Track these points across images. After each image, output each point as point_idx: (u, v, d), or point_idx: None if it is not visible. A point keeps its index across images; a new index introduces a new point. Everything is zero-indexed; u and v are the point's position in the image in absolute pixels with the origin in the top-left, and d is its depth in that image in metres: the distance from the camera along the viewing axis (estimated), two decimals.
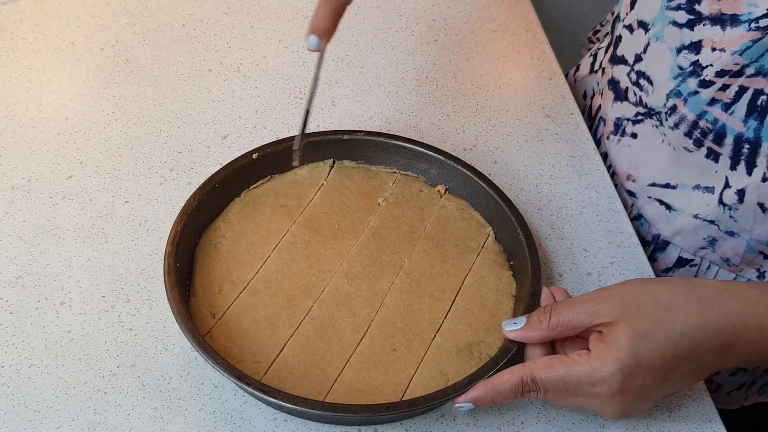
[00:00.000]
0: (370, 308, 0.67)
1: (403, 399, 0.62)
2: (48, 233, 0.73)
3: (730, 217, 0.73)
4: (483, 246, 0.73)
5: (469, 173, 0.75)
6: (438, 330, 0.66)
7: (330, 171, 0.77)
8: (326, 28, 0.64)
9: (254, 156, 0.73)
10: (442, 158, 0.76)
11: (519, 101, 0.89)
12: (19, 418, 0.61)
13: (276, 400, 0.59)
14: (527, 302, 0.65)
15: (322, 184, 0.76)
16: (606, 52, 0.88)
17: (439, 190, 0.76)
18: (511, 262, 0.72)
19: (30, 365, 0.64)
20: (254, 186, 0.75)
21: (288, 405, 0.59)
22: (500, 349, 0.63)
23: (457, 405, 0.60)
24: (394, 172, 0.78)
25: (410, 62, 0.92)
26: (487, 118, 0.87)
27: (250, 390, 0.59)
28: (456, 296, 0.69)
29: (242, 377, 0.59)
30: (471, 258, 0.71)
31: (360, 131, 0.77)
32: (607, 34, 0.92)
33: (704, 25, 0.68)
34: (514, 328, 0.62)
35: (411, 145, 0.77)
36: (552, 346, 0.62)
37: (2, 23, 0.91)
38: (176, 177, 0.78)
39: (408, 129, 0.84)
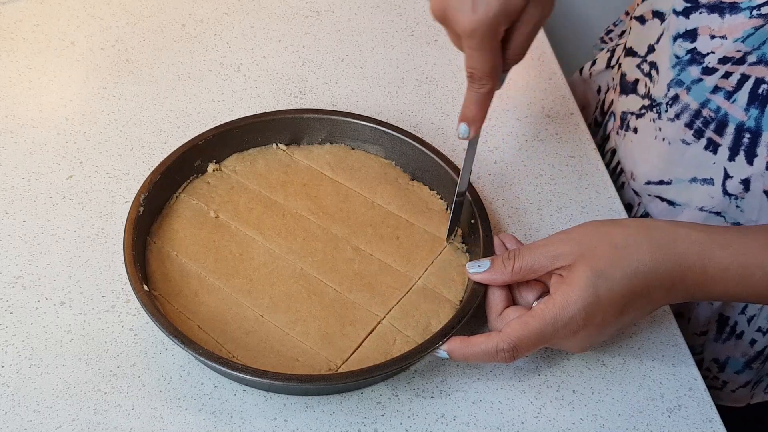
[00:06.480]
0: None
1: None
2: (48, 233, 0.73)
3: (737, 206, 0.73)
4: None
5: (411, 141, 0.77)
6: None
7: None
8: (474, 116, 0.64)
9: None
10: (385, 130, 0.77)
11: (519, 101, 0.89)
12: (19, 418, 0.61)
13: (297, 384, 0.60)
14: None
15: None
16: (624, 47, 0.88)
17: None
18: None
19: (30, 365, 0.64)
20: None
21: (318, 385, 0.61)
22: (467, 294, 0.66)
23: (436, 352, 0.62)
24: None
25: (410, 62, 0.92)
26: (487, 118, 0.86)
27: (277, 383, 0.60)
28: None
29: (268, 374, 0.60)
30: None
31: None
32: (623, 32, 0.93)
33: (701, 13, 0.69)
34: (479, 270, 0.64)
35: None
36: (510, 290, 0.65)
37: (2, 23, 0.91)
38: None
39: (408, 129, 0.84)
